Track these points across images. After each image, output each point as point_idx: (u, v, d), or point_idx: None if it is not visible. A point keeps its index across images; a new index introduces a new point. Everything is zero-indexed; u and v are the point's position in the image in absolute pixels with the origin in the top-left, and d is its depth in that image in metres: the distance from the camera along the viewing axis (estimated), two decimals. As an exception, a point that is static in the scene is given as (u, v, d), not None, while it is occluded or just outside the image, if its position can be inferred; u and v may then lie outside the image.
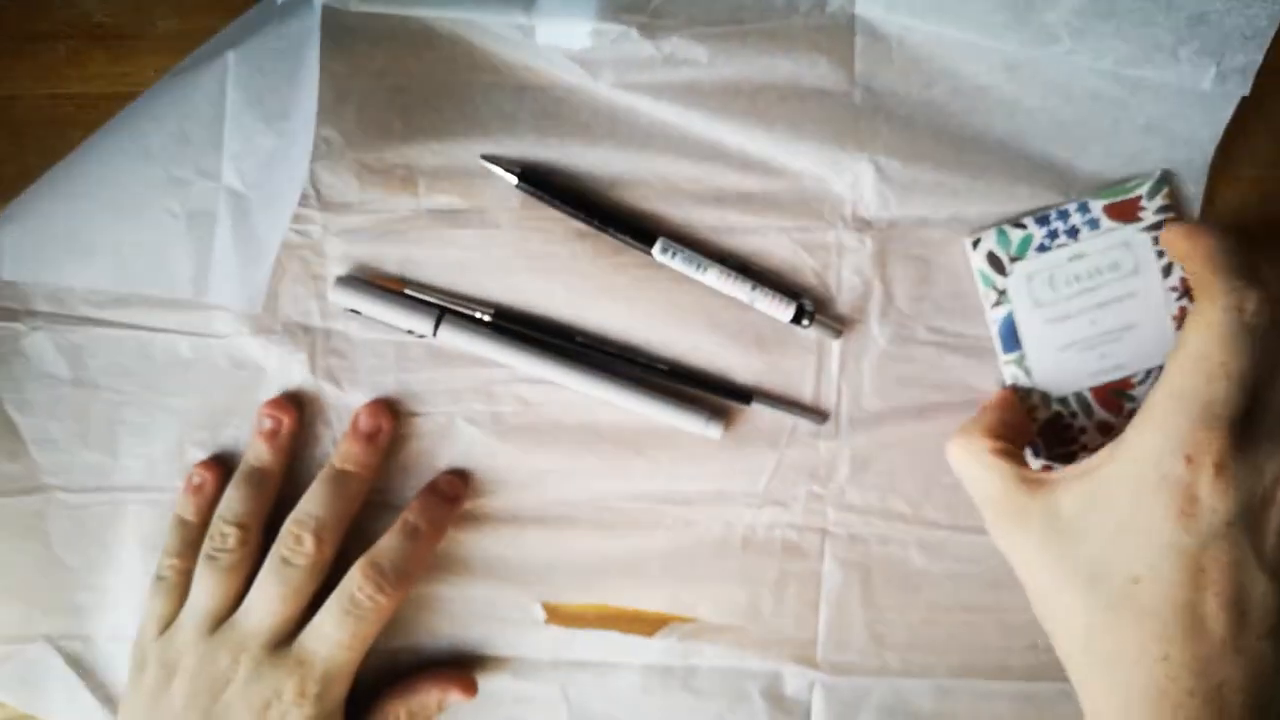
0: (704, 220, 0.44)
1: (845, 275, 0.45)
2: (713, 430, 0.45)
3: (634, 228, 0.44)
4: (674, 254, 0.44)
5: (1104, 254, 0.43)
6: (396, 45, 0.43)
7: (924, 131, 0.43)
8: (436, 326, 0.44)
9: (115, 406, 0.46)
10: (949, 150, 0.43)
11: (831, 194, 0.44)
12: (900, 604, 0.46)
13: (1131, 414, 0.37)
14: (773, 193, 0.44)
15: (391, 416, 0.45)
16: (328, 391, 0.45)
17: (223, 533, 0.43)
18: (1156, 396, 0.36)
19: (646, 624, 0.47)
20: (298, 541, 0.43)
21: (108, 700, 0.47)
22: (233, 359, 0.45)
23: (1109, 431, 0.43)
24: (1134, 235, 0.43)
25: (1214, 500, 0.34)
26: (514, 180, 0.43)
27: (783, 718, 0.46)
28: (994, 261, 0.43)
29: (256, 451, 0.45)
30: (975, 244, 0.43)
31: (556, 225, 0.44)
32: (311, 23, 0.42)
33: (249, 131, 0.43)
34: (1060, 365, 0.44)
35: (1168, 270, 0.42)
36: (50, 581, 0.47)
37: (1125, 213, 0.43)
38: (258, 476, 0.45)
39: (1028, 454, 0.44)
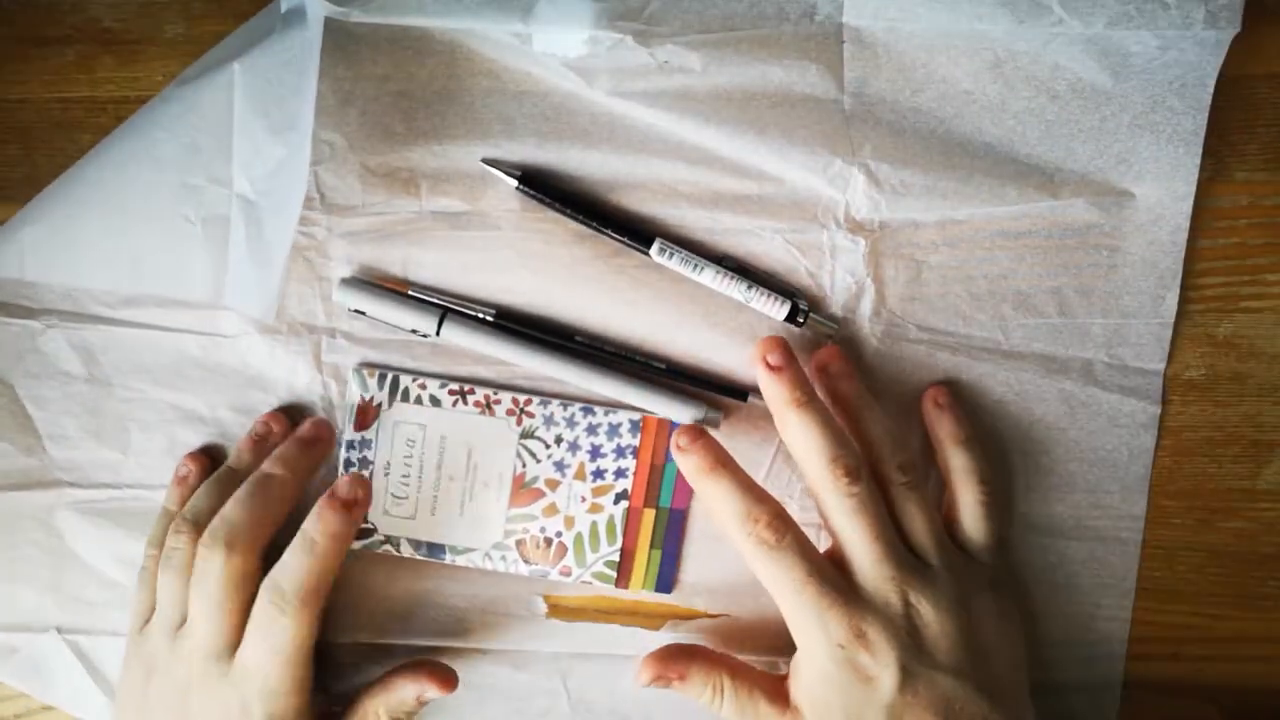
0: (700, 222, 0.45)
1: (838, 275, 0.45)
2: (709, 428, 0.45)
3: (632, 229, 0.44)
4: (671, 255, 0.44)
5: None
6: (398, 51, 0.44)
7: (913, 136, 0.44)
8: (439, 326, 0.45)
9: (127, 404, 0.47)
10: (938, 154, 0.44)
11: (824, 197, 0.45)
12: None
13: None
14: (767, 195, 0.45)
15: (332, 430, 0.45)
16: (333, 390, 0.46)
17: (176, 530, 0.43)
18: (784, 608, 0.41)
19: (647, 617, 0.48)
20: (208, 550, 0.42)
21: (111, 693, 0.48)
22: (240, 358, 0.46)
23: None
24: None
25: (876, 660, 0.39)
26: (514, 183, 0.44)
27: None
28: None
29: (237, 454, 0.46)
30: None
31: (556, 227, 0.45)
32: (314, 33, 0.43)
33: (257, 142, 0.44)
34: None
35: None
36: (62, 574, 0.47)
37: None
38: (227, 478, 0.45)
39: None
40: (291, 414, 0.46)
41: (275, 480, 0.44)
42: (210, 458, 0.47)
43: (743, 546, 0.41)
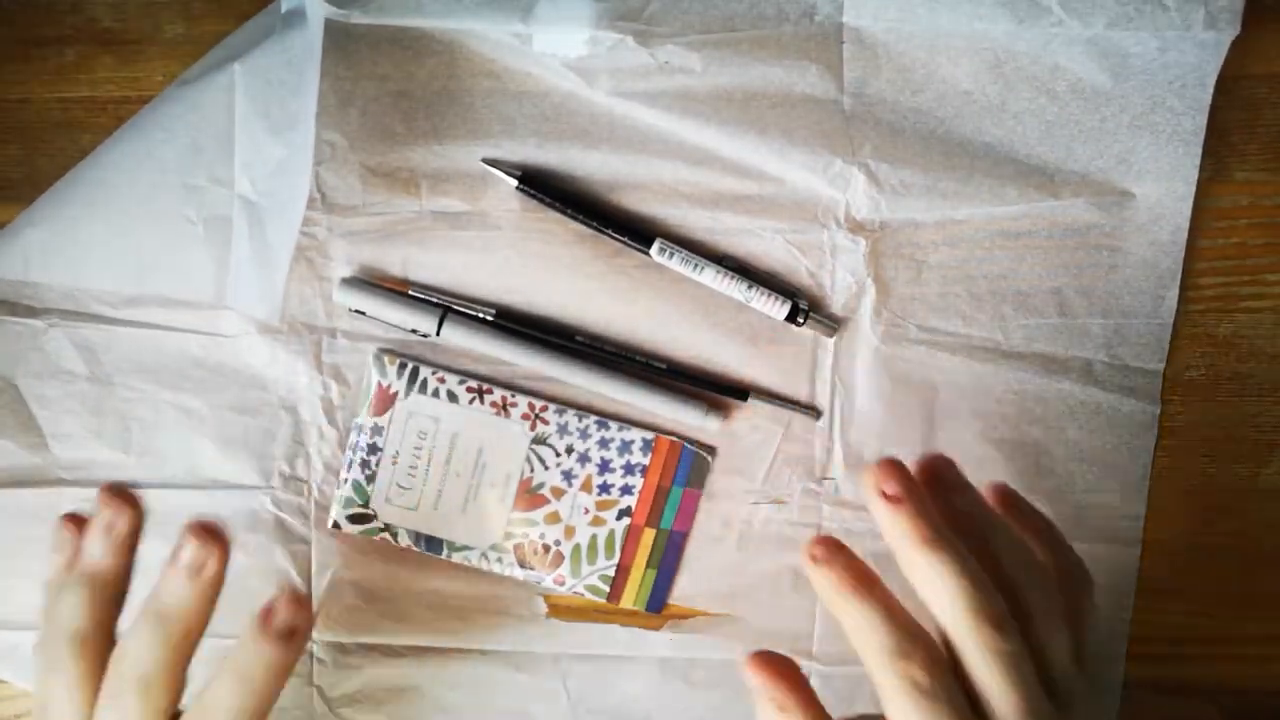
0: (700, 222, 0.45)
1: (839, 275, 0.45)
2: (710, 426, 0.46)
3: (632, 229, 0.44)
4: (671, 255, 0.44)
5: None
6: (399, 51, 0.44)
7: (913, 136, 0.44)
8: (439, 326, 0.45)
9: (128, 403, 0.47)
10: (938, 154, 0.44)
11: (824, 197, 0.45)
12: (893, 597, 0.47)
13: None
14: (767, 195, 0.45)
15: (223, 546, 0.37)
16: (333, 390, 0.46)
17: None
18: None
19: (647, 618, 0.48)
20: (115, 699, 0.36)
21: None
22: (241, 358, 0.46)
23: None
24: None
25: None
26: (514, 183, 0.44)
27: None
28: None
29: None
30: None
31: (556, 227, 0.45)
32: (315, 34, 0.43)
33: (258, 143, 0.44)
34: None
35: None
36: (63, 574, 0.47)
37: None
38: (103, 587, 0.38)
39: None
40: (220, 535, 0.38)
41: (172, 615, 0.36)
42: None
43: (884, 682, 0.35)
